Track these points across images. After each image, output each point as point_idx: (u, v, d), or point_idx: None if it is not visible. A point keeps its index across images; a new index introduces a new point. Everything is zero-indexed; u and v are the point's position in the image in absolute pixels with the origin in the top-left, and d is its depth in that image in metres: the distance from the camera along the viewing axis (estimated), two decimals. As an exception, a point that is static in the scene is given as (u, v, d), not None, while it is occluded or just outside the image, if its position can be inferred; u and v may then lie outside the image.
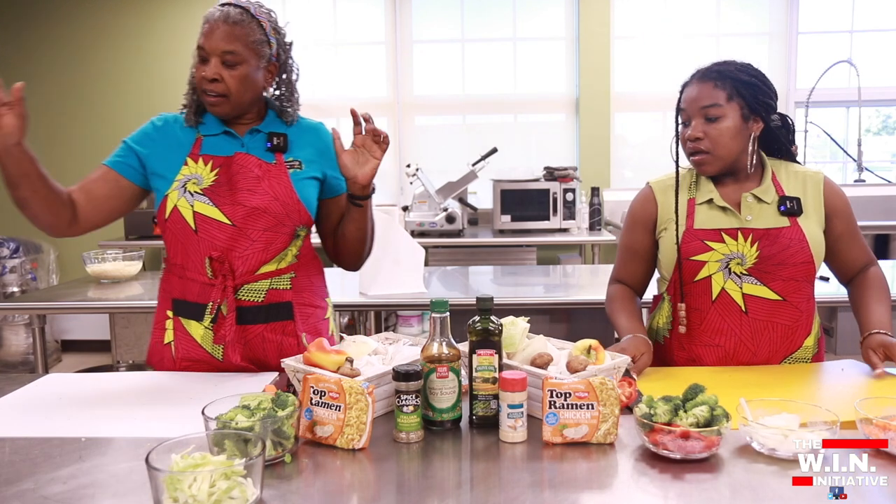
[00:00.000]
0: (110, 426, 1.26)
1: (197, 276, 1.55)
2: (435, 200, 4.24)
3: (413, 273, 2.49)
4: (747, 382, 1.45)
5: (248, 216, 1.53)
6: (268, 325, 1.59)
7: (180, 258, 1.57)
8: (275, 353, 1.58)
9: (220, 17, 1.50)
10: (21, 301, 3.13)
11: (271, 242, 1.56)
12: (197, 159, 1.56)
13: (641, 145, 4.95)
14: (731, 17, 4.78)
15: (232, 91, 1.52)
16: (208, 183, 1.53)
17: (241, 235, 1.53)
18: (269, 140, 1.59)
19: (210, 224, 1.52)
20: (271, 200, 1.54)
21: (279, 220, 1.55)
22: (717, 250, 1.57)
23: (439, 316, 1.23)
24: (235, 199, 1.53)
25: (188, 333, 1.57)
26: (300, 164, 1.60)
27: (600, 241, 4.18)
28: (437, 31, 4.92)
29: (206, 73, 1.50)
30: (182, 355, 1.58)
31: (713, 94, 1.54)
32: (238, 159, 1.56)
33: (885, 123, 5.15)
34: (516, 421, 1.17)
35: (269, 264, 1.57)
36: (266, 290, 1.57)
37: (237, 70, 1.51)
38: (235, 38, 1.50)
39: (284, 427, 1.10)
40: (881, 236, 4.16)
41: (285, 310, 1.60)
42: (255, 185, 1.54)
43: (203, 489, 0.90)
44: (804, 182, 1.62)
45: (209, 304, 1.53)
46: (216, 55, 1.49)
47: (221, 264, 1.53)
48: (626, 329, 1.60)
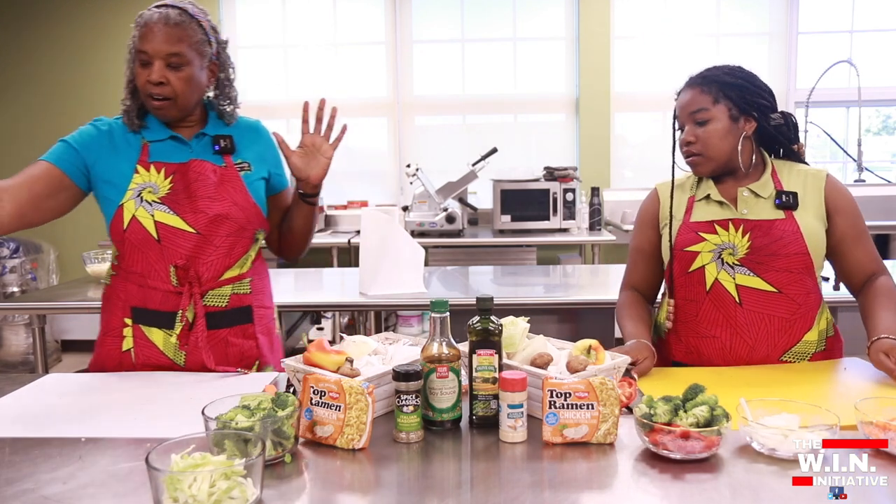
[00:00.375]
0: (110, 426, 1.26)
1: (160, 284, 1.55)
2: (435, 200, 4.24)
3: (413, 273, 2.49)
4: (747, 382, 1.45)
5: (211, 223, 1.54)
6: (231, 329, 1.60)
7: (139, 267, 1.55)
8: (236, 356, 1.60)
9: (160, 19, 1.48)
10: (21, 301, 3.13)
11: (233, 248, 1.58)
12: (148, 167, 1.55)
13: (641, 145, 4.95)
14: (731, 17, 4.78)
15: (179, 93, 1.51)
16: (164, 191, 1.53)
17: (206, 243, 1.54)
18: (216, 143, 1.59)
19: (173, 233, 1.52)
20: (231, 206, 1.55)
21: (241, 226, 1.57)
22: (709, 241, 1.60)
23: (439, 316, 1.23)
24: (196, 206, 1.53)
25: (149, 340, 1.57)
26: (249, 165, 1.61)
27: (600, 241, 4.18)
28: (437, 31, 4.92)
29: (152, 77, 1.48)
30: (143, 361, 1.58)
31: (700, 98, 1.60)
32: (194, 166, 1.56)
33: (885, 123, 5.15)
34: (516, 421, 1.17)
35: (232, 269, 1.59)
36: (229, 294, 1.59)
37: (183, 72, 1.50)
38: (179, 40, 1.49)
39: (284, 427, 1.10)
40: (881, 236, 4.16)
41: (246, 313, 1.63)
42: (214, 191, 1.55)
43: (203, 489, 0.90)
44: (805, 179, 1.63)
45: (178, 312, 1.54)
46: (160, 58, 1.48)
47: (186, 272, 1.53)
48: (630, 334, 1.61)
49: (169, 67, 1.49)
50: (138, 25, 1.50)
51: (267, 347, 1.67)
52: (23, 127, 4.82)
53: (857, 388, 1.39)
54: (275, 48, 4.93)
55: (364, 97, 4.93)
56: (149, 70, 1.49)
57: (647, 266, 1.75)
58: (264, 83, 4.94)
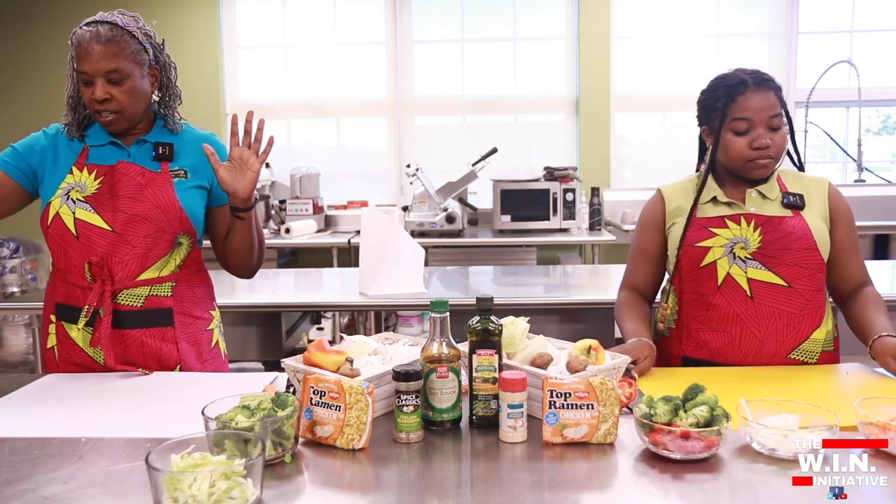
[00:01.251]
0: (110, 426, 1.26)
1: (78, 280, 1.58)
2: (435, 200, 4.24)
3: (413, 273, 2.49)
4: (747, 382, 1.46)
5: (129, 223, 1.55)
6: (146, 331, 1.60)
7: (63, 263, 1.60)
8: (153, 357, 1.61)
9: (92, 39, 1.50)
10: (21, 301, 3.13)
11: (151, 249, 1.58)
12: (82, 168, 1.59)
13: (641, 145, 4.95)
14: (731, 17, 4.78)
15: (124, 106, 1.54)
16: (91, 191, 1.56)
17: (122, 241, 1.56)
18: (155, 150, 1.61)
19: (90, 230, 1.55)
20: (152, 208, 1.56)
21: (160, 227, 1.57)
22: (721, 235, 1.61)
23: (439, 316, 1.23)
24: (117, 206, 1.55)
25: (69, 337, 1.60)
26: (185, 172, 1.63)
27: (600, 241, 4.18)
28: (437, 31, 4.92)
29: (96, 95, 1.51)
30: (64, 358, 1.61)
31: (776, 104, 1.58)
32: (120, 168, 1.58)
33: (885, 123, 5.15)
34: (516, 421, 1.17)
35: (150, 271, 1.59)
36: (145, 296, 1.59)
37: (124, 85, 1.53)
38: (114, 56, 1.51)
39: (284, 427, 1.10)
40: (881, 236, 4.16)
41: (165, 316, 1.61)
42: (138, 192, 1.57)
43: (203, 489, 0.90)
44: (808, 185, 1.66)
45: (84, 307, 1.56)
46: (100, 76, 1.51)
47: (101, 269, 1.55)
48: (631, 333, 1.62)
49: (110, 83, 1.52)
50: (73, 46, 1.53)
51: (193, 356, 1.65)
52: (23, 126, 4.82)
53: (858, 390, 1.39)
54: (275, 48, 4.93)
55: (364, 97, 4.93)
56: (92, 88, 1.52)
57: (649, 267, 1.75)
58: (264, 83, 4.94)
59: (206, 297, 1.73)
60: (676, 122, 4.84)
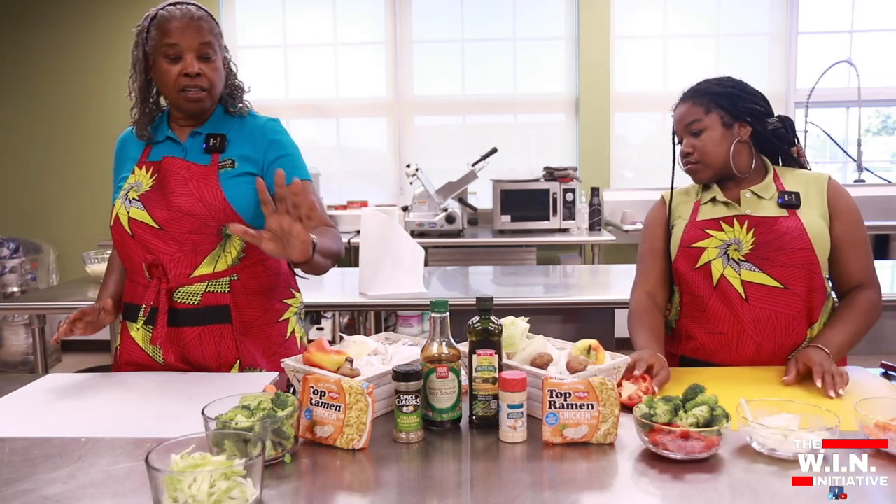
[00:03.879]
0: (110, 426, 1.26)
1: (139, 279, 1.58)
2: (435, 200, 4.24)
3: (413, 273, 2.49)
4: (747, 382, 1.46)
5: (173, 219, 1.54)
6: (204, 328, 1.58)
7: (127, 263, 1.61)
8: (213, 355, 1.58)
9: (184, 15, 1.51)
10: (21, 301, 3.13)
11: (198, 244, 1.55)
12: (142, 166, 1.60)
13: (641, 145, 4.95)
14: (731, 17, 4.78)
15: (213, 83, 1.55)
16: (145, 188, 1.57)
17: (170, 238, 1.54)
18: (206, 141, 1.60)
19: (142, 228, 1.55)
20: (195, 202, 1.53)
21: (203, 222, 1.53)
22: (715, 237, 1.63)
23: (439, 316, 1.23)
24: (164, 202, 1.55)
25: (130, 337, 1.61)
26: (232, 162, 1.59)
27: (600, 241, 4.18)
28: (436, 31, 4.92)
29: (188, 69, 1.50)
30: (125, 359, 1.61)
31: (692, 111, 1.66)
32: (166, 163, 1.58)
33: (884, 123, 5.15)
34: (516, 421, 1.17)
35: (203, 266, 1.56)
36: (202, 293, 1.57)
37: (213, 62, 1.55)
38: (207, 31, 1.53)
39: (284, 427, 1.10)
40: (881, 236, 4.16)
41: (222, 313, 1.58)
42: (182, 187, 1.55)
43: (203, 489, 0.90)
44: (808, 182, 1.65)
45: (141, 306, 1.57)
46: (192, 50, 1.51)
47: (156, 267, 1.55)
48: (642, 347, 1.57)
49: (200, 59, 1.52)
50: (158, 24, 1.51)
51: (259, 352, 1.62)
52: (23, 126, 4.82)
53: (857, 391, 1.39)
54: (275, 48, 4.92)
55: (364, 97, 4.92)
56: (180, 65, 1.51)
57: (661, 266, 1.73)
58: (264, 83, 4.94)
59: (278, 285, 1.65)
60: (676, 122, 4.84)
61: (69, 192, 4.79)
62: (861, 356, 1.57)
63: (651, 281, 1.74)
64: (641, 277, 1.76)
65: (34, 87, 4.81)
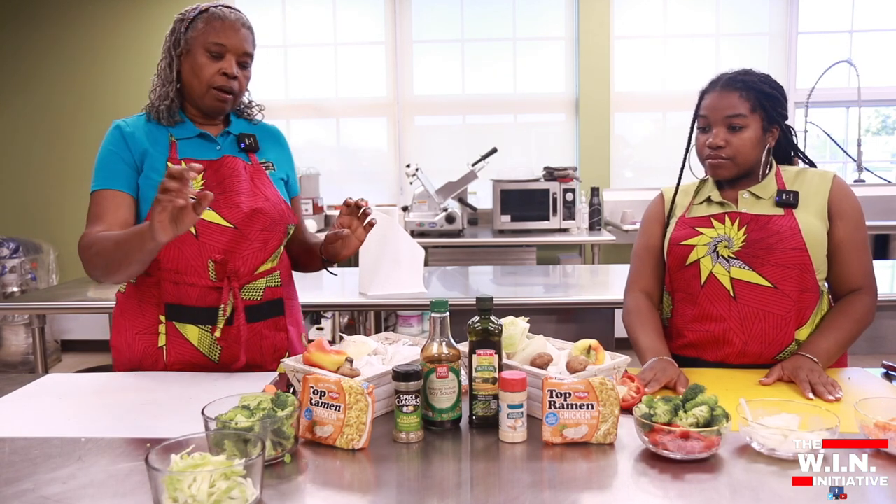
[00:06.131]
0: (110, 426, 1.26)
1: (197, 280, 1.55)
2: (435, 200, 4.24)
3: (413, 273, 2.49)
4: (747, 383, 1.45)
5: (247, 218, 1.56)
6: (265, 322, 1.63)
7: (175, 264, 1.55)
8: (270, 349, 1.63)
9: (237, 20, 1.54)
10: (21, 301, 3.13)
11: (267, 242, 1.60)
12: (178, 164, 1.53)
13: (641, 145, 4.95)
14: (731, 17, 4.78)
15: (241, 91, 1.59)
16: (197, 187, 1.53)
17: (242, 237, 1.56)
18: (241, 141, 1.63)
19: (211, 228, 1.53)
20: (264, 201, 1.58)
21: (273, 220, 1.59)
22: (705, 234, 1.61)
23: (439, 316, 1.23)
24: (231, 201, 1.55)
25: (183, 337, 1.57)
26: (272, 164, 1.67)
27: (600, 241, 4.18)
28: (437, 31, 4.92)
29: (228, 70, 1.53)
30: (174, 359, 1.58)
31: (738, 103, 1.56)
32: (227, 162, 1.58)
33: (884, 123, 5.15)
34: (516, 421, 1.17)
35: (266, 263, 1.61)
36: (263, 288, 1.61)
37: (248, 71, 1.60)
38: (251, 42, 1.57)
39: (284, 427, 1.10)
40: (881, 236, 4.16)
41: (279, 306, 1.66)
42: (248, 186, 1.58)
43: (203, 489, 0.90)
44: (811, 180, 1.62)
45: (219, 307, 1.54)
46: (236, 54, 1.54)
47: (224, 267, 1.54)
48: (649, 349, 1.56)
49: (238, 65, 1.55)
50: (208, 19, 1.52)
51: (296, 337, 1.71)
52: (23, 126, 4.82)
53: (857, 391, 1.39)
54: (275, 48, 4.93)
55: (364, 97, 4.93)
56: (220, 63, 1.53)
57: (655, 265, 1.72)
58: (264, 83, 4.94)
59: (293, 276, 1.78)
60: (676, 122, 4.84)
61: (69, 192, 4.78)
62: (861, 356, 1.57)
63: (646, 278, 1.73)
64: (636, 275, 1.75)
65: (34, 87, 4.81)
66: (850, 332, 1.55)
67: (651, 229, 1.75)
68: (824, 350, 1.50)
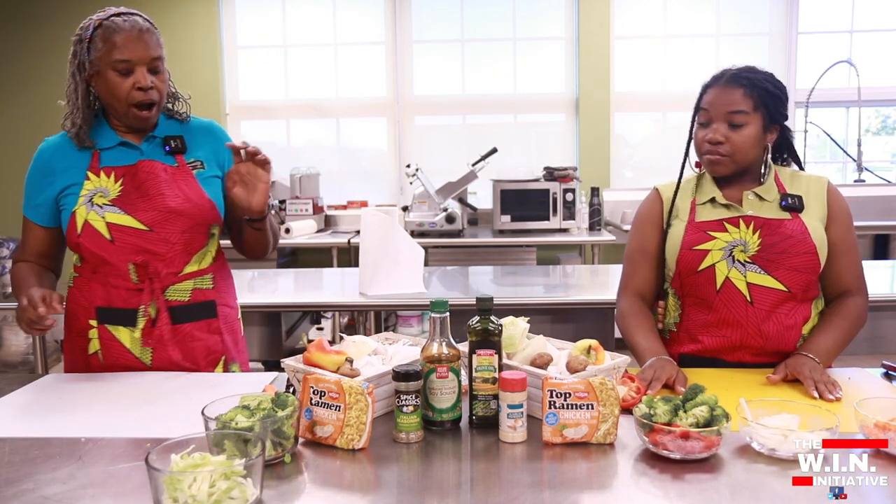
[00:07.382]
0: (110, 426, 1.26)
1: (121, 282, 1.57)
2: (435, 200, 4.24)
3: (413, 273, 2.49)
4: (747, 383, 1.46)
5: (164, 219, 1.55)
6: (195, 324, 1.62)
7: (102, 268, 1.58)
8: (203, 351, 1.62)
9: (133, 28, 1.50)
10: (21, 301, 3.12)
11: (190, 243, 1.59)
12: (98, 173, 1.57)
13: (641, 145, 4.95)
14: (731, 17, 4.78)
15: (162, 95, 1.55)
16: (115, 194, 1.55)
17: (160, 239, 1.56)
18: (167, 144, 1.61)
19: (125, 231, 1.54)
20: (184, 202, 1.57)
21: (195, 221, 1.58)
22: (720, 238, 1.58)
23: (439, 316, 1.23)
24: (148, 204, 1.55)
25: (115, 340, 1.58)
26: (202, 163, 1.63)
27: (600, 241, 4.18)
28: (436, 31, 4.92)
29: (141, 83, 1.50)
30: (111, 362, 1.59)
31: (741, 100, 1.55)
32: (143, 166, 1.57)
33: (884, 123, 5.15)
34: (516, 421, 1.17)
35: (191, 264, 1.61)
36: (191, 289, 1.61)
37: (162, 74, 1.56)
38: (155, 44, 1.53)
39: (284, 427, 1.10)
40: (881, 236, 4.15)
41: (209, 308, 1.65)
42: (165, 188, 1.56)
43: (203, 489, 0.90)
44: (808, 185, 1.63)
45: (139, 308, 1.56)
46: (143, 64, 1.50)
47: (145, 268, 1.55)
48: (647, 350, 1.56)
49: (150, 72, 1.52)
50: (104, 36, 1.49)
51: (232, 345, 1.69)
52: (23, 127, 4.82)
53: (858, 391, 1.39)
54: (275, 48, 4.92)
55: (364, 97, 4.92)
56: (130, 78, 1.50)
57: (649, 268, 1.69)
58: (264, 83, 4.94)
59: (233, 287, 1.76)
60: (676, 122, 4.84)
61: (69, 192, 4.78)
62: (861, 356, 1.57)
63: (640, 281, 1.70)
64: (629, 278, 1.72)
65: (34, 87, 4.80)
66: (849, 333, 1.56)
67: (646, 231, 1.70)
68: (825, 350, 1.51)
